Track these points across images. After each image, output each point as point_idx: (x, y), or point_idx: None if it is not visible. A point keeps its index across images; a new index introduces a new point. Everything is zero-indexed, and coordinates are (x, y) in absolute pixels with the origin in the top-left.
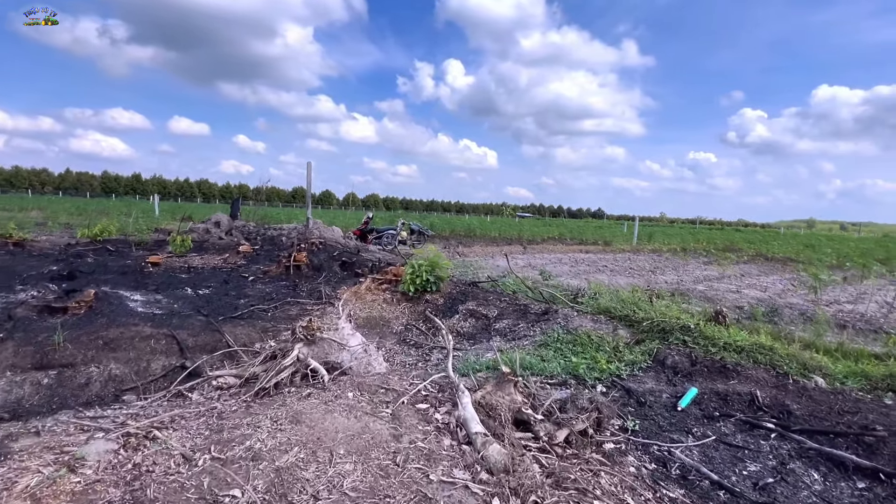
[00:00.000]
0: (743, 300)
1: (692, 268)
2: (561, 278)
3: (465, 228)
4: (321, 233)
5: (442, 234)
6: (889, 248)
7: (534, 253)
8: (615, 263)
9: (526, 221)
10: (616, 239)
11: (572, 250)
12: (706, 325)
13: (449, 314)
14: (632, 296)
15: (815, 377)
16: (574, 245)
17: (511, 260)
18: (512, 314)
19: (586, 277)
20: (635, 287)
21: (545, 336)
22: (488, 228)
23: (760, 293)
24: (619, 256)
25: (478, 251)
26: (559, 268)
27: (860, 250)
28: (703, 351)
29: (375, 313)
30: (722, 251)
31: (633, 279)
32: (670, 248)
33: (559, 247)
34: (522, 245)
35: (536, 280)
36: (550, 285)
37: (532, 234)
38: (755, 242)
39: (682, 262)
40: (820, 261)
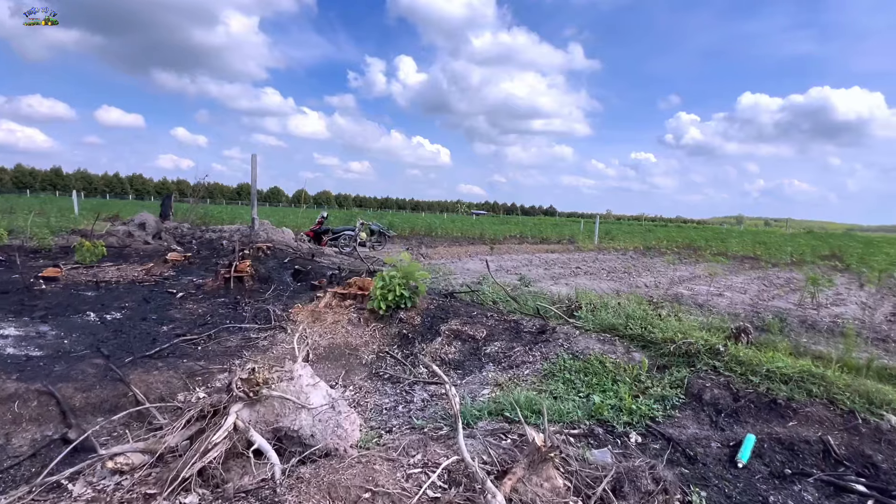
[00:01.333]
0: (734, 307)
1: (661, 267)
2: (541, 284)
3: (425, 227)
4: (269, 235)
5: (402, 234)
6: (831, 244)
7: (501, 254)
8: (587, 265)
9: (484, 219)
10: (578, 237)
11: (538, 250)
12: (735, 346)
13: (429, 336)
14: (638, 309)
15: (887, 414)
16: (537, 244)
17: (481, 262)
18: (503, 334)
19: (566, 283)
20: (632, 296)
21: (548, 363)
22: (449, 227)
23: (742, 295)
24: (586, 256)
25: (443, 252)
26: (534, 271)
27: (810, 247)
28: (743, 380)
29: (339, 338)
30: (683, 249)
31: (614, 283)
32: (634, 247)
33: (524, 246)
34: (489, 245)
35: (516, 287)
36: (536, 295)
37: (494, 232)
38: (712, 240)
39: (650, 262)
40: (780, 258)
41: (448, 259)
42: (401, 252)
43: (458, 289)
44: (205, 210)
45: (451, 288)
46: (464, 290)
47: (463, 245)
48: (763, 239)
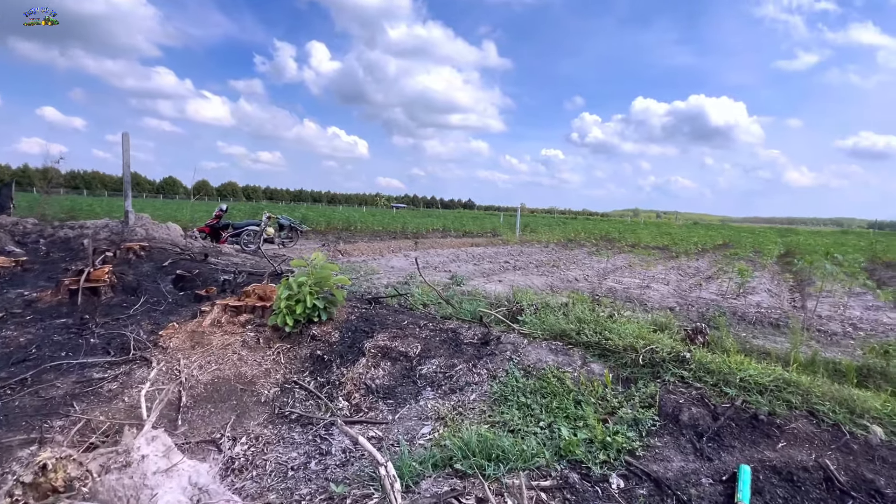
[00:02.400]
0: (665, 300)
1: (584, 259)
2: (474, 282)
3: (343, 222)
4: (149, 232)
5: (318, 229)
6: (725, 234)
7: (426, 249)
8: (514, 258)
9: (405, 213)
10: (500, 230)
11: (463, 244)
12: (697, 349)
13: (350, 357)
14: (588, 312)
15: (871, 426)
16: (461, 238)
17: (406, 259)
18: (441, 347)
19: (499, 279)
20: (573, 294)
21: (498, 383)
22: (370, 221)
23: (665, 286)
24: (512, 250)
25: (363, 249)
26: (464, 267)
27: (705, 237)
28: (716, 392)
29: (229, 369)
30: (600, 241)
31: (545, 278)
32: (555, 240)
33: (448, 240)
34: (413, 241)
35: (448, 287)
36: (472, 296)
37: (416, 226)
38: (625, 232)
39: (572, 255)
40: (686, 248)
41: (370, 256)
42: (315, 250)
43: (384, 292)
44: (71, 202)
45: (376, 291)
46: (390, 293)
47: (385, 240)
48: (665, 230)
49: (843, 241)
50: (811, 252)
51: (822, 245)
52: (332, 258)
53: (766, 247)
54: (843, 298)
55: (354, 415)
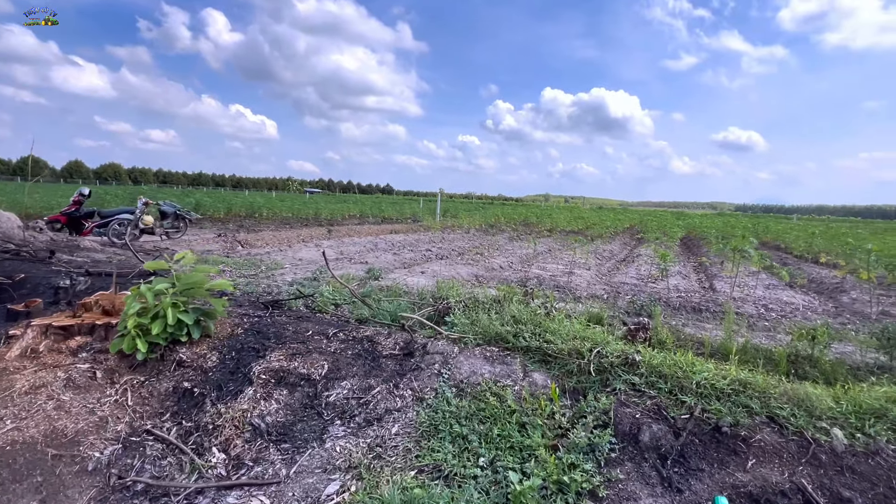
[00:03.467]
0: (591, 287)
1: (506, 245)
2: (394, 275)
3: (247, 208)
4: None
5: (216, 217)
6: (630, 218)
7: (340, 237)
8: (437, 246)
9: (319, 198)
10: (420, 215)
11: (382, 231)
12: (648, 352)
13: (233, 386)
14: (524, 310)
15: (833, 429)
16: (379, 224)
17: (317, 249)
18: (354, 363)
19: (422, 270)
20: (503, 287)
21: (426, 407)
22: (278, 207)
23: (587, 272)
24: (433, 237)
25: (268, 239)
26: (382, 257)
27: (618, 220)
28: (674, 401)
29: (36, 426)
30: (520, 226)
31: (471, 267)
32: (477, 225)
33: (365, 227)
34: (326, 228)
35: (364, 282)
36: (391, 293)
37: (331, 212)
38: (542, 217)
39: (494, 240)
40: (600, 232)
41: (275, 247)
42: (209, 241)
43: (286, 292)
44: None
45: (277, 291)
46: (293, 294)
47: (295, 228)
48: (577, 214)
49: (732, 224)
50: (708, 234)
51: (713, 227)
52: (230, 251)
53: (671, 230)
54: (745, 279)
55: (233, 473)
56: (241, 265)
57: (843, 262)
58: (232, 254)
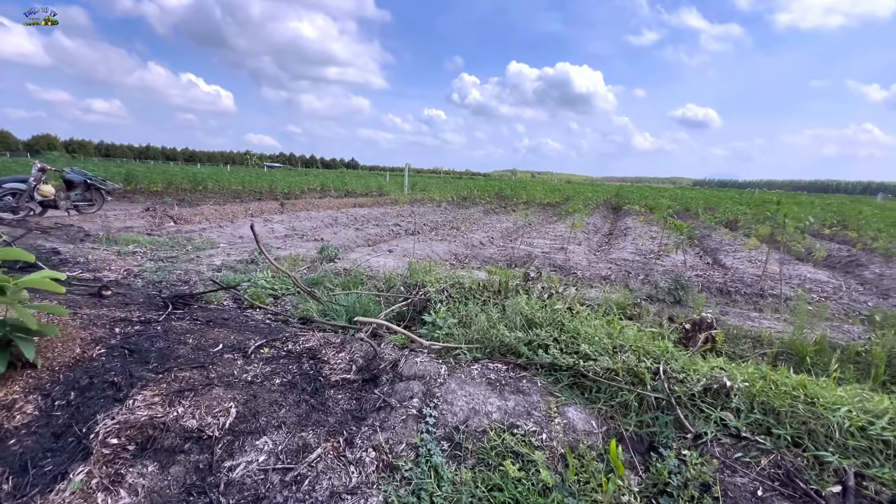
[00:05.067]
0: (594, 266)
1: (483, 218)
2: (355, 254)
3: (189, 181)
4: None
5: (152, 190)
6: (606, 191)
7: (296, 211)
8: (406, 220)
9: (277, 172)
10: (387, 189)
11: (345, 205)
12: (739, 369)
13: (52, 464)
14: (540, 307)
15: None
16: (343, 198)
17: (265, 226)
18: (282, 401)
19: (389, 248)
20: (496, 270)
21: (400, 487)
22: (226, 180)
23: (578, 247)
24: (402, 210)
25: (209, 214)
26: (342, 234)
27: (597, 193)
28: (804, 460)
29: None
30: (494, 199)
31: (447, 244)
32: (449, 198)
33: (326, 201)
34: (279, 201)
35: (315, 265)
36: (350, 277)
37: (288, 185)
38: (517, 190)
39: (468, 214)
40: (584, 205)
41: (215, 223)
42: (133, 216)
43: (207, 281)
44: None
45: (195, 280)
46: (214, 284)
47: (246, 202)
48: (553, 187)
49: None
50: (698, 208)
51: (698, 199)
52: (156, 228)
53: (657, 202)
54: (752, 254)
55: None
56: (159, 245)
57: (854, 235)
58: (157, 231)
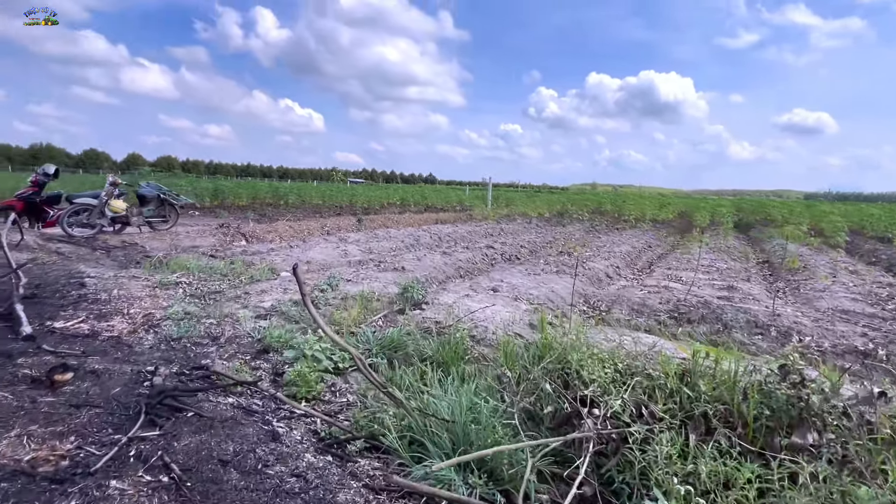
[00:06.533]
0: (828, 329)
1: (590, 239)
2: (448, 296)
3: (271, 195)
4: None
5: (238, 205)
6: (724, 205)
7: (374, 228)
8: (499, 240)
9: (359, 187)
10: (467, 203)
11: (426, 221)
12: None
13: None
14: None
15: None
16: (422, 213)
17: (338, 247)
18: None
19: (492, 286)
20: (683, 340)
21: None
22: (309, 194)
23: (754, 286)
24: (490, 228)
25: (283, 231)
26: (427, 260)
27: (720, 208)
28: None
29: None
30: (594, 215)
31: (566, 278)
32: (538, 213)
33: (406, 216)
34: (357, 216)
35: (392, 315)
36: (448, 344)
37: (368, 199)
38: (619, 204)
39: (570, 232)
40: (701, 224)
41: (287, 241)
42: (206, 233)
43: (238, 341)
44: None
45: (223, 339)
46: (225, 374)
47: (325, 216)
48: (664, 201)
49: (863, 213)
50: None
51: (862, 216)
52: (227, 246)
53: (831, 221)
54: None
55: None
56: (211, 273)
57: None
58: (223, 251)
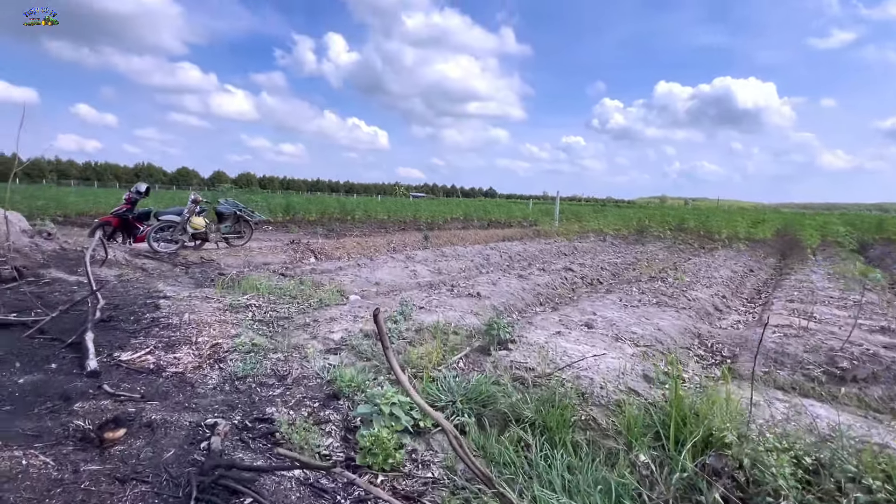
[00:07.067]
0: None
1: (678, 260)
2: (536, 333)
3: (339, 210)
4: None
5: (308, 220)
6: (829, 222)
7: (440, 245)
8: (577, 260)
9: (421, 201)
10: (532, 217)
11: (491, 238)
12: None
13: None
14: None
15: None
16: (487, 229)
17: (407, 266)
18: None
19: (583, 317)
20: None
21: None
22: (374, 209)
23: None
24: (562, 247)
25: (351, 247)
26: (502, 284)
27: (830, 225)
28: None
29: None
30: (675, 232)
31: (670, 312)
32: (612, 230)
33: (470, 232)
34: (423, 233)
35: (475, 350)
36: (554, 407)
37: (431, 214)
38: (703, 220)
39: (651, 252)
40: (810, 242)
41: (353, 260)
42: (275, 249)
43: (306, 382)
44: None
45: (290, 380)
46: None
47: (390, 232)
48: (754, 218)
49: None
50: None
51: None
52: (297, 263)
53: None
54: None
55: None
56: (280, 294)
57: None
58: (293, 269)
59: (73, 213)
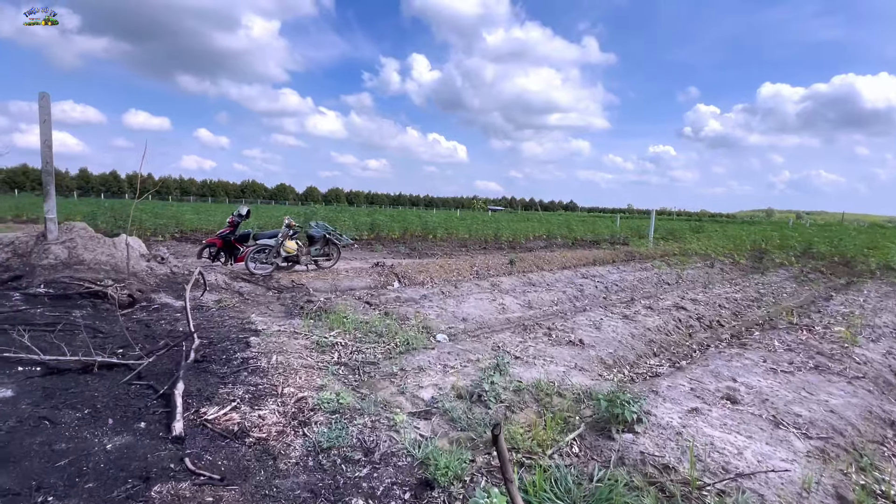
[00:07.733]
0: None
1: (797, 291)
2: (662, 409)
3: (421, 227)
4: (76, 251)
5: (391, 237)
6: None
7: (525, 271)
8: (688, 294)
9: (500, 216)
10: (620, 234)
11: (579, 260)
12: None
13: None
14: None
15: None
16: (572, 249)
17: (493, 299)
18: None
19: (725, 390)
20: None
21: None
22: (456, 226)
23: None
24: (666, 275)
25: (434, 271)
26: (606, 327)
27: None
28: None
29: None
30: (802, 258)
31: (836, 385)
32: (724, 253)
33: (557, 254)
34: (509, 258)
35: (588, 428)
36: None
37: (513, 232)
38: (833, 243)
39: (778, 287)
40: None
41: (440, 284)
42: (361, 272)
43: (395, 460)
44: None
45: (377, 457)
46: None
47: (472, 252)
48: (882, 236)
49: None
50: None
51: None
52: (382, 287)
53: None
54: None
55: None
56: (367, 331)
57: None
58: (380, 294)
59: (189, 230)
